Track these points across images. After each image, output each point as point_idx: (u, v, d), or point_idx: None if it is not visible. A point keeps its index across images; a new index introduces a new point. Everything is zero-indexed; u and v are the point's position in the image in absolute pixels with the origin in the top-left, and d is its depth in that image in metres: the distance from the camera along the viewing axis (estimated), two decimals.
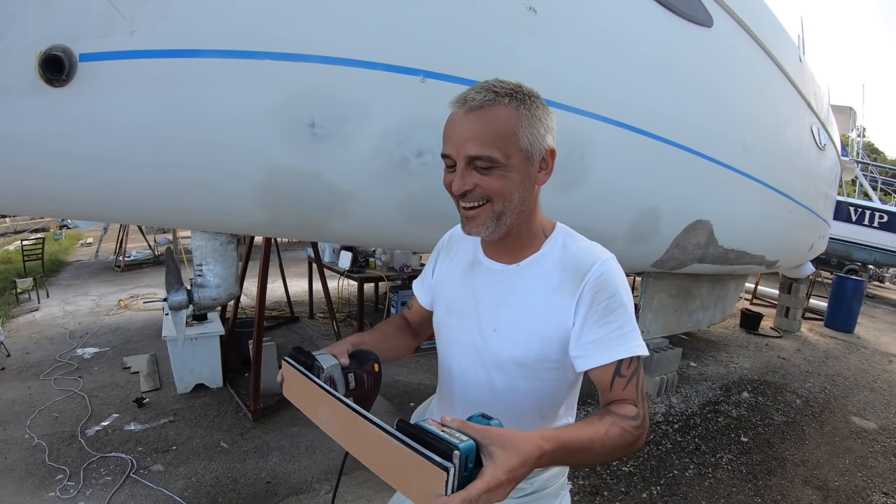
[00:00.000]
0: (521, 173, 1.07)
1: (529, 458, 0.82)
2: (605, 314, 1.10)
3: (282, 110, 2.00)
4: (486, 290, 1.24)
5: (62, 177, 2.00)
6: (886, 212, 12.55)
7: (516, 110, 1.05)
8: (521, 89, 1.08)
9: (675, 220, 3.47)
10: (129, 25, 1.74)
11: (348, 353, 1.23)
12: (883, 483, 3.87)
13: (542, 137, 1.08)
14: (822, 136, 5.17)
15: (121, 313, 6.88)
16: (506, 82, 1.08)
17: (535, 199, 1.16)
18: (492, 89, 1.05)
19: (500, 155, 1.03)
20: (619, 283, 1.12)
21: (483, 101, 1.04)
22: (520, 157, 1.06)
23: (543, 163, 1.12)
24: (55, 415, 3.97)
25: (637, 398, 1.09)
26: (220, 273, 2.66)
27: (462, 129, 1.05)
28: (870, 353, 7.60)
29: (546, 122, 1.10)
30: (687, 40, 3.07)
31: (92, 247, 12.00)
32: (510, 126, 1.04)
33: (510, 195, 1.07)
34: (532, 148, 1.07)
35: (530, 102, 1.07)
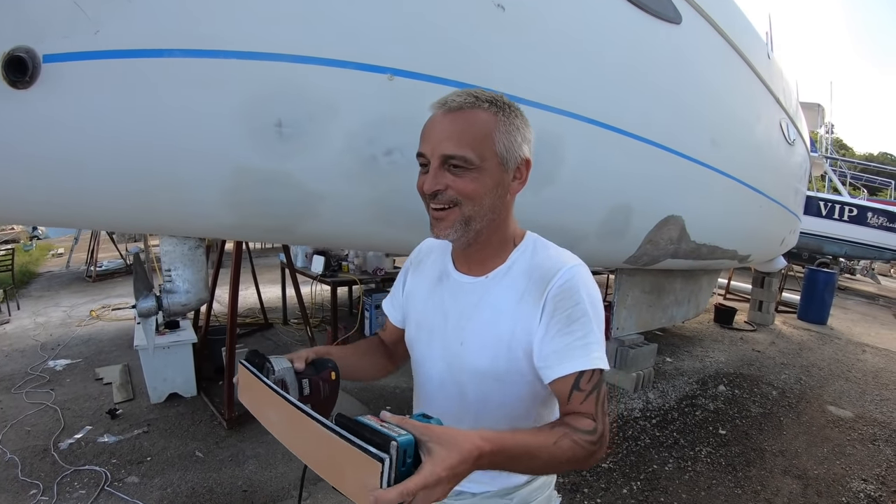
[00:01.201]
0: (493, 178, 1.06)
1: (469, 457, 0.80)
2: (567, 323, 1.07)
3: (248, 110, 1.97)
4: (454, 304, 1.22)
5: (26, 181, 1.94)
6: (855, 205, 12.84)
7: (495, 115, 1.05)
8: (502, 99, 1.08)
9: (647, 215, 3.50)
10: (94, 25, 1.70)
11: (307, 360, 1.21)
12: (861, 470, 3.93)
13: (519, 146, 1.08)
14: (791, 131, 5.26)
15: (93, 324, 6.75)
16: (488, 91, 1.08)
17: (507, 208, 1.14)
18: (473, 94, 1.06)
19: (474, 156, 1.03)
20: (585, 290, 1.09)
21: (463, 103, 1.04)
22: (494, 162, 1.05)
23: (518, 172, 1.10)
24: (27, 429, 3.87)
25: (596, 413, 1.05)
26: (190, 278, 2.61)
27: (440, 128, 1.05)
28: (843, 343, 7.74)
29: (524, 133, 1.09)
30: (656, 37, 3.09)
31: (63, 257, 11.78)
32: (487, 129, 1.04)
33: (481, 199, 1.06)
34: (507, 154, 1.06)
35: (510, 111, 1.07)
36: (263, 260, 11.05)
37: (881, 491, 3.63)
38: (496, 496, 1.25)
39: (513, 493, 1.25)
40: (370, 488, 0.72)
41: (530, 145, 1.12)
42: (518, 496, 1.25)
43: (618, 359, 5.14)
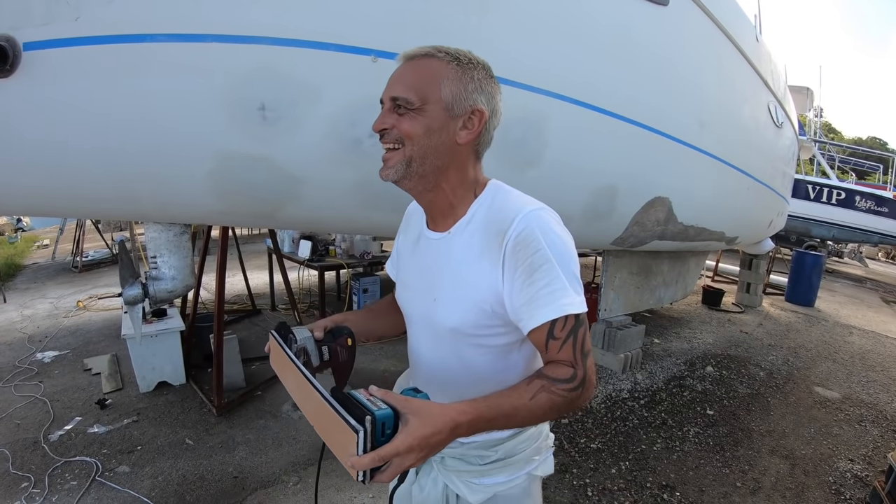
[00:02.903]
0: (435, 121, 1.08)
1: (443, 429, 0.87)
2: (529, 273, 1.06)
3: (231, 94, 1.95)
4: (428, 261, 1.25)
5: (8, 169, 1.92)
6: (843, 189, 12.91)
7: (448, 64, 1.08)
8: (466, 54, 1.11)
9: (634, 197, 3.49)
10: (74, 12, 1.68)
11: (325, 329, 1.32)
12: (848, 450, 3.98)
13: (469, 95, 1.09)
14: (779, 114, 5.26)
15: (80, 314, 6.70)
16: (457, 49, 1.11)
17: (457, 155, 1.14)
18: (435, 47, 1.10)
19: (415, 98, 1.06)
20: (543, 235, 1.07)
21: (418, 53, 1.10)
22: (438, 106, 1.07)
23: (468, 121, 1.11)
24: (17, 421, 3.85)
25: (575, 358, 1.06)
26: (175, 265, 2.60)
27: (395, 74, 1.11)
28: (830, 325, 7.82)
29: (482, 86, 1.11)
30: (643, 18, 3.06)
31: (48, 248, 11.65)
32: (435, 75, 1.07)
33: (419, 139, 1.08)
34: (454, 100, 1.08)
35: (468, 63, 1.10)
36: (250, 246, 11.00)
37: (867, 471, 3.68)
38: (481, 447, 1.28)
39: (498, 445, 1.28)
40: (350, 454, 0.81)
41: (491, 100, 1.13)
42: (503, 448, 1.28)
43: (605, 340, 5.17)
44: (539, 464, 1.35)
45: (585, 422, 4.09)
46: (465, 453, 1.29)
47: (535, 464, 1.34)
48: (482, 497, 1.28)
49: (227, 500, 3.02)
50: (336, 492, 3.09)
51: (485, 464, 1.28)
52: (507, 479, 1.29)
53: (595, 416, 4.21)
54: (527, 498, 1.35)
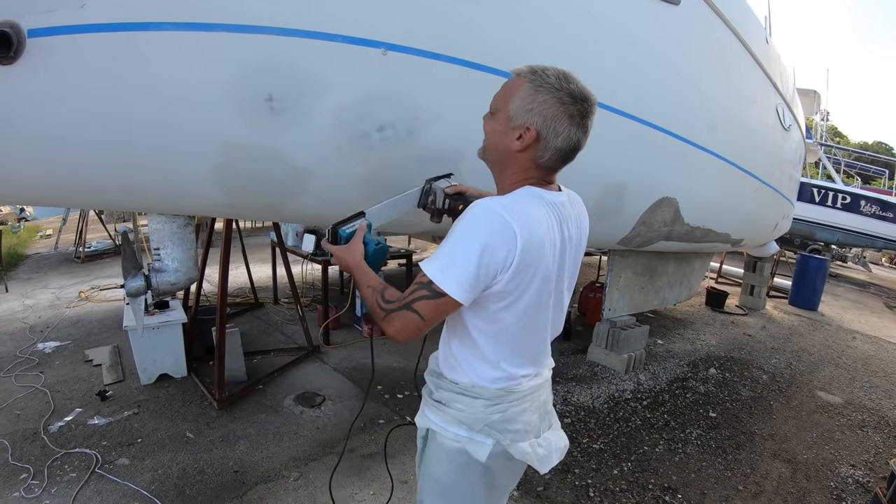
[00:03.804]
0: (500, 126, 1.35)
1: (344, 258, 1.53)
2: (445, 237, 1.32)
3: (238, 84, 1.93)
4: None
5: (12, 158, 1.90)
6: (849, 193, 12.86)
7: (524, 84, 1.30)
8: (546, 76, 1.29)
9: (641, 196, 3.47)
10: None
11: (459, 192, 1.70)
12: (850, 455, 3.96)
13: (528, 112, 1.29)
14: (787, 117, 5.23)
15: (82, 305, 6.69)
16: (546, 68, 1.31)
17: (510, 158, 1.37)
18: (530, 67, 1.32)
19: (494, 106, 1.38)
20: (463, 220, 1.28)
21: (517, 71, 1.34)
22: (503, 116, 1.34)
23: (522, 133, 1.31)
24: (17, 412, 3.83)
25: (405, 298, 1.33)
26: (179, 257, 2.58)
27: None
28: (834, 329, 7.79)
29: (542, 109, 1.28)
30: (654, 17, 3.05)
31: (51, 239, 11.65)
32: (512, 91, 1.32)
33: (489, 136, 1.40)
34: (515, 114, 1.31)
35: (539, 84, 1.28)
36: (254, 239, 10.99)
37: (869, 476, 3.66)
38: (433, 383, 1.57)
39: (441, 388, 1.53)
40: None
41: (546, 122, 1.28)
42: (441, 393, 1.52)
43: (609, 340, 5.15)
44: (469, 438, 1.47)
45: (588, 422, 4.07)
46: (427, 381, 1.60)
47: (464, 432, 1.47)
48: (422, 423, 1.57)
49: (227, 494, 3.01)
50: (337, 488, 3.07)
51: (430, 398, 1.56)
52: (439, 423, 1.51)
53: (597, 416, 4.19)
54: (451, 462, 1.50)
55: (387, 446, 3.32)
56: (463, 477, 1.51)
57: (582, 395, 4.56)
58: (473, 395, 1.46)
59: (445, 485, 1.53)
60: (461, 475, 1.51)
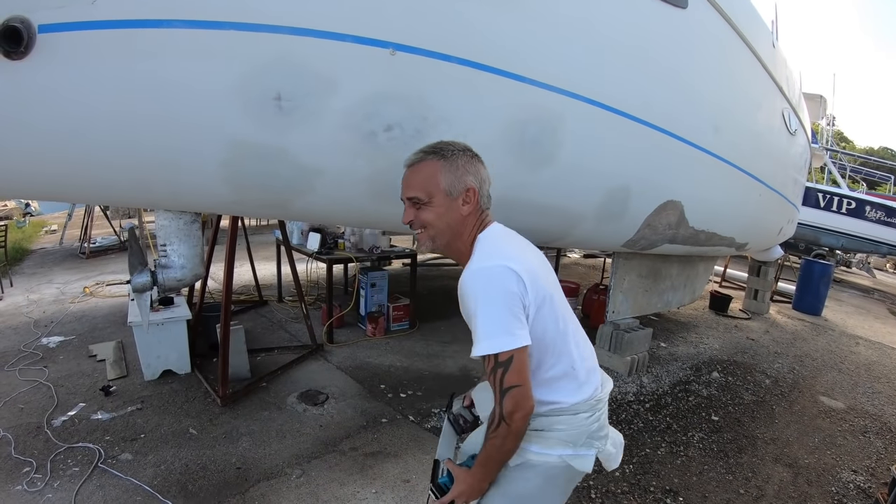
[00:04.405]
0: (443, 206, 1.48)
1: (465, 488, 1.50)
2: (469, 320, 1.42)
3: (247, 83, 1.94)
4: None
5: (21, 153, 1.91)
6: (854, 198, 12.81)
7: (438, 162, 1.47)
8: (449, 146, 1.50)
9: (646, 199, 3.47)
10: None
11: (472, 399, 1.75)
12: (851, 461, 3.95)
13: (459, 180, 1.48)
14: (792, 121, 5.22)
15: (86, 301, 6.72)
16: (437, 144, 1.52)
17: (464, 224, 1.52)
18: (423, 150, 1.51)
19: (423, 195, 1.48)
20: (472, 293, 1.39)
21: (415, 160, 1.51)
22: (441, 196, 1.47)
23: (466, 197, 1.49)
24: (20, 406, 3.85)
25: (496, 393, 1.36)
26: (185, 253, 2.59)
27: (405, 181, 1.53)
28: (837, 335, 7.77)
29: (467, 168, 1.49)
30: (661, 20, 3.05)
31: (56, 234, 11.70)
32: (431, 173, 1.47)
33: (436, 222, 1.49)
34: (450, 188, 1.47)
35: (451, 155, 1.48)
36: (259, 237, 11.01)
37: (870, 482, 3.66)
38: None
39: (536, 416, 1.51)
40: None
41: (477, 176, 1.51)
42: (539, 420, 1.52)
43: (612, 342, 5.14)
44: (575, 454, 1.52)
45: None
46: None
47: (569, 450, 1.51)
48: (517, 460, 1.52)
49: (229, 490, 3.02)
50: (339, 486, 3.08)
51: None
52: (539, 452, 1.51)
53: None
54: (545, 480, 1.54)
55: (388, 446, 3.32)
56: (554, 489, 1.59)
57: None
58: (573, 412, 1.52)
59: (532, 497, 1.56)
60: (554, 488, 1.59)
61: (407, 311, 6.09)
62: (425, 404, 4.18)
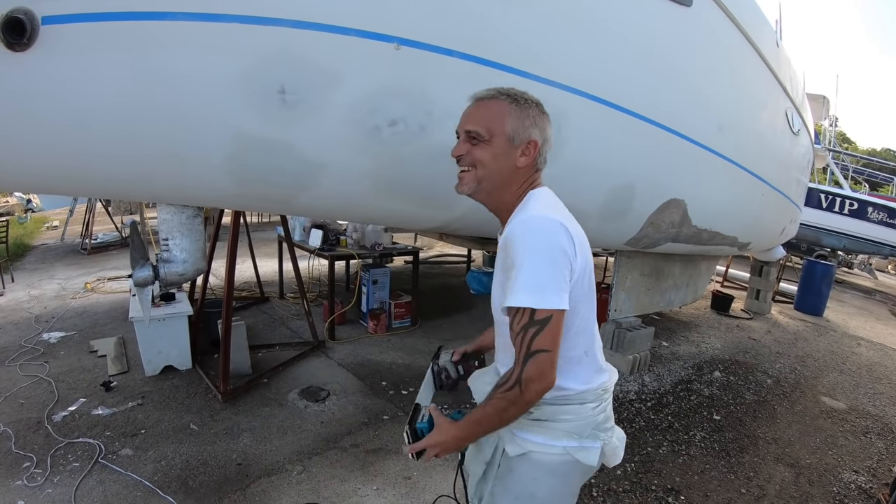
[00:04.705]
0: (500, 150, 1.39)
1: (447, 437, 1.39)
2: (505, 272, 1.34)
3: (252, 76, 1.92)
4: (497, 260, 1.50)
5: (24, 146, 1.90)
6: (856, 199, 12.79)
7: (509, 105, 1.39)
8: (522, 95, 1.42)
9: (650, 197, 3.46)
10: None
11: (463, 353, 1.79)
12: (853, 461, 3.95)
13: (525, 129, 1.40)
14: (796, 121, 5.21)
15: (87, 296, 6.72)
16: (512, 88, 1.44)
17: (515, 176, 1.43)
18: (498, 89, 1.43)
19: (484, 132, 1.38)
20: (521, 240, 1.30)
21: (485, 95, 1.43)
22: (502, 139, 1.38)
23: (526, 148, 1.41)
24: (21, 401, 3.85)
25: (518, 356, 1.27)
26: (187, 247, 2.57)
27: (467, 112, 1.44)
28: (839, 335, 7.76)
29: (535, 121, 1.41)
30: (666, 18, 3.04)
31: (58, 230, 11.71)
32: (500, 114, 1.39)
33: (489, 164, 1.39)
34: (514, 134, 1.39)
35: (524, 103, 1.41)
36: (261, 233, 11.01)
37: (872, 483, 3.65)
38: None
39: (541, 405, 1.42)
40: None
41: (542, 132, 1.43)
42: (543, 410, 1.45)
43: (614, 341, 5.14)
44: (580, 447, 1.45)
45: None
46: None
47: (574, 442, 1.45)
48: (517, 450, 1.48)
49: (230, 486, 3.01)
50: (340, 482, 3.08)
51: (528, 419, 1.45)
52: (542, 443, 1.45)
53: None
54: (553, 476, 1.48)
55: (390, 443, 3.32)
56: (565, 487, 1.53)
57: None
58: (580, 402, 1.46)
59: (543, 498, 1.50)
60: (564, 485, 1.52)
61: (409, 308, 6.09)
62: None
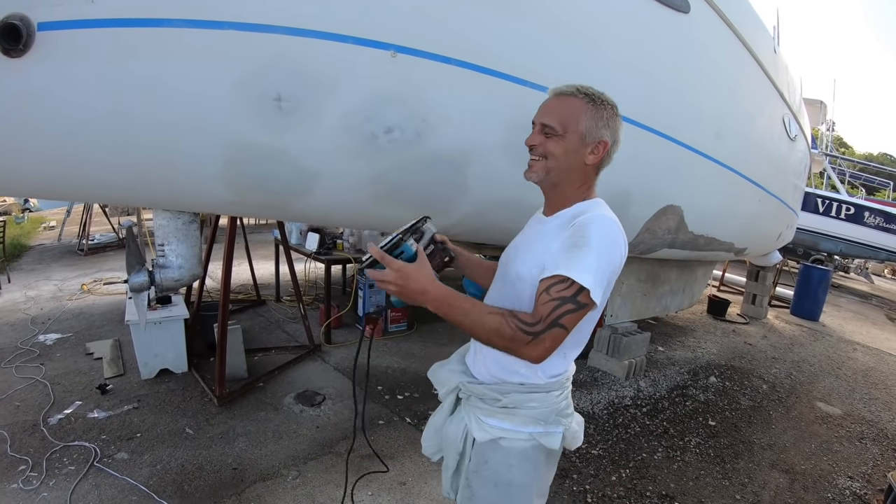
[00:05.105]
0: (572, 146, 1.44)
1: (418, 282, 1.31)
2: (570, 247, 1.35)
3: (247, 83, 1.94)
4: (530, 232, 1.62)
5: (20, 151, 1.91)
6: (853, 204, 12.86)
7: (586, 104, 1.43)
8: (600, 96, 1.46)
9: (646, 204, 3.47)
10: None
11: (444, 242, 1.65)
12: (848, 467, 3.96)
13: (598, 129, 1.44)
14: (793, 127, 5.23)
15: (84, 298, 6.70)
16: (590, 88, 1.47)
17: (582, 171, 1.49)
18: (578, 87, 1.46)
19: (560, 127, 1.42)
20: (596, 230, 1.35)
21: (566, 91, 1.47)
22: (575, 136, 1.43)
23: (595, 147, 1.45)
24: (17, 403, 3.84)
25: (545, 317, 1.28)
26: (183, 253, 2.58)
27: (545, 105, 1.49)
28: (835, 340, 7.77)
29: (608, 122, 1.45)
30: (664, 25, 3.05)
31: (55, 230, 11.67)
32: (576, 111, 1.43)
33: (559, 157, 1.44)
34: (587, 133, 1.43)
35: (600, 104, 1.44)
36: (257, 235, 10.99)
37: (867, 489, 3.66)
38: (495, 391, 1.55)
39: (508, 393, 1.54)
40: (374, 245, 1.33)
41: (614, 133, 1.47)
42: (511, 397, 1.54)
43: (610, 346, 5.15)
44: (545, 432, 1.55)
45: (587, 427, 4.04)
46: (484, 393, 1.57)
47: (539, 428, 1.54)
48: (485, 437, 1.56)
49: (225, 491, 3.01)
50: (336, 488, 3.08)
51: (495, 406, 1.55)
52: (510, 429, 1.54)
53: (597, 422, 4.19)
54: (526, 462, 1.56)
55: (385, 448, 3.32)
56: (536, 471, 1.59)
57: (582, 400, 4.56)
58: (547, 390, 1.55)
59: (521, 485, 1.57)
60: (536, 470, 1.59)
61: (405, 312, 6.08)
62: (422, 406, 4.17)
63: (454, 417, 1.71)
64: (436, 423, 1.79)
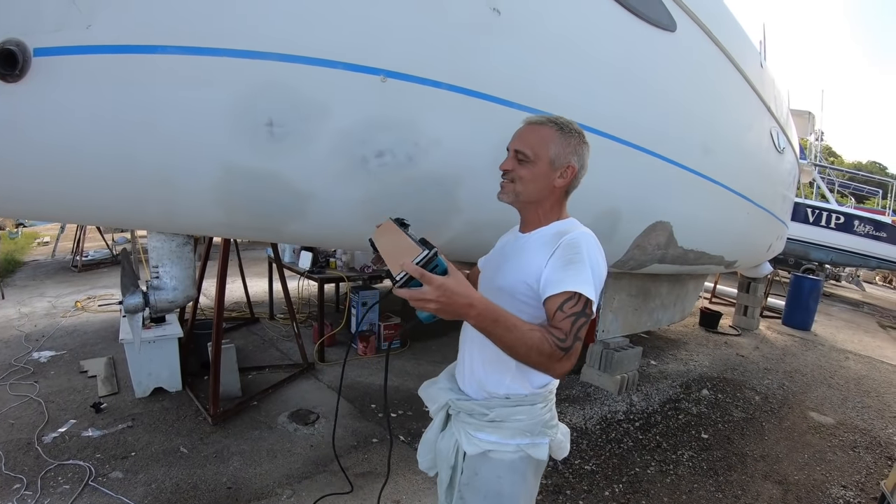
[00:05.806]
0: (541, 171, 1.55)
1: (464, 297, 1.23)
2: (565, 264, 1.44)
3: (240, 109, 1.96)
4: (508, 249, 1.71)
5: (14, 175, 1.92)
6: (842, 213, 12.96)
7: (555, 133, 1.55)
8: (570, 125, 1.59)
9: (635, 221, 3.51)
10: (86, 19, 1.68)
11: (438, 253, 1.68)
12: (841, 476, 3.99)
13: (566, 156, 1.56)
14: (781, 139, 5.29)
15: (78, 315, 6.69)
16: (560, 117, 1.60)
17: (551, 193, 1.60)
18: (548, 117, 1.59)
19: (531, 153, 1.54)
20: (586, 247, 1.46)
21: (536, 121, 1.60)
22: (545, 162, 1.54)
23: (564, 171, 1.56)
24: (11, 421, 3.83)
25: (569, 332, 1.35)
26: (177, 275, 2.60)
27: (519, 132, 1.61)
28: (827, 349, 7.83)
29: (576, 149, 1.57)
30: (650, 44, 3.09)
31: (49, 246, 11.65)
32: (546, 139, 1.55)
33: (529, 182, 1.56)
34: (556, 158, 1.55)
35: (568, 133, 1.57)
36: (251, 253, 11.00)
37: (860, 497, 3.69)
38: (483, 406, 1.63)
39: (494, 407, 1.62)
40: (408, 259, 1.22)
41: (580, 159, 1.59)
42: (497, 411, 1.61)
43: (602, 361, 5.17)
44: (531, 443, 1.62)
45: (580, 443, 4.08)
46: (472, 408, 1.64)
47: (526, 440, 1.62)
48: (475, 450, 1.63)
49: None
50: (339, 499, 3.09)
51: (483, 420, 1.62)
52: (498, 441, 1.61)
53: (590, 437, 4.21)
54: (514, 473, 1.63)
55: (379, 466, 3.32)
56: (525, 482, 1.66)
57: (574, 415, 4.57)
58: (531, 402, 1.62)
59: (510, 495, 1.64)
60: (524, 481, 1.65)
61: (398, 329, 6.10)
62: (416, 424, 4.18)
63: (445, 433, 1.78)
64: (429, 438, 1.86)
